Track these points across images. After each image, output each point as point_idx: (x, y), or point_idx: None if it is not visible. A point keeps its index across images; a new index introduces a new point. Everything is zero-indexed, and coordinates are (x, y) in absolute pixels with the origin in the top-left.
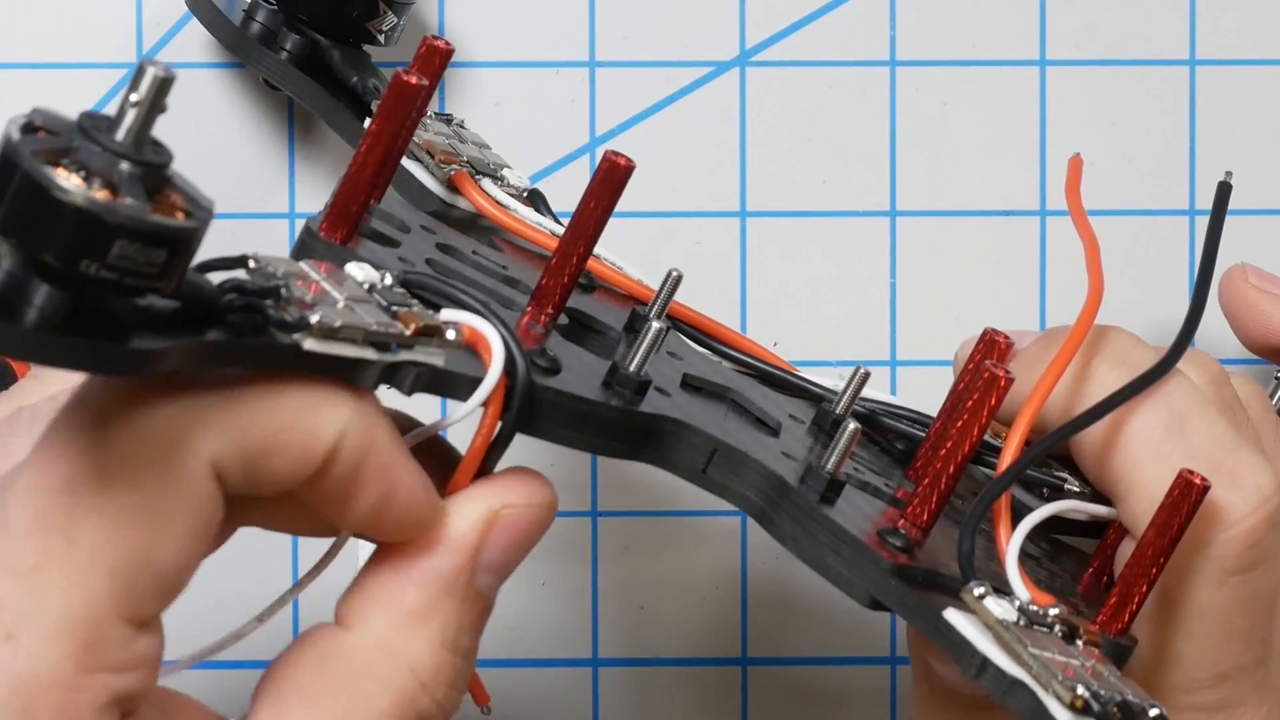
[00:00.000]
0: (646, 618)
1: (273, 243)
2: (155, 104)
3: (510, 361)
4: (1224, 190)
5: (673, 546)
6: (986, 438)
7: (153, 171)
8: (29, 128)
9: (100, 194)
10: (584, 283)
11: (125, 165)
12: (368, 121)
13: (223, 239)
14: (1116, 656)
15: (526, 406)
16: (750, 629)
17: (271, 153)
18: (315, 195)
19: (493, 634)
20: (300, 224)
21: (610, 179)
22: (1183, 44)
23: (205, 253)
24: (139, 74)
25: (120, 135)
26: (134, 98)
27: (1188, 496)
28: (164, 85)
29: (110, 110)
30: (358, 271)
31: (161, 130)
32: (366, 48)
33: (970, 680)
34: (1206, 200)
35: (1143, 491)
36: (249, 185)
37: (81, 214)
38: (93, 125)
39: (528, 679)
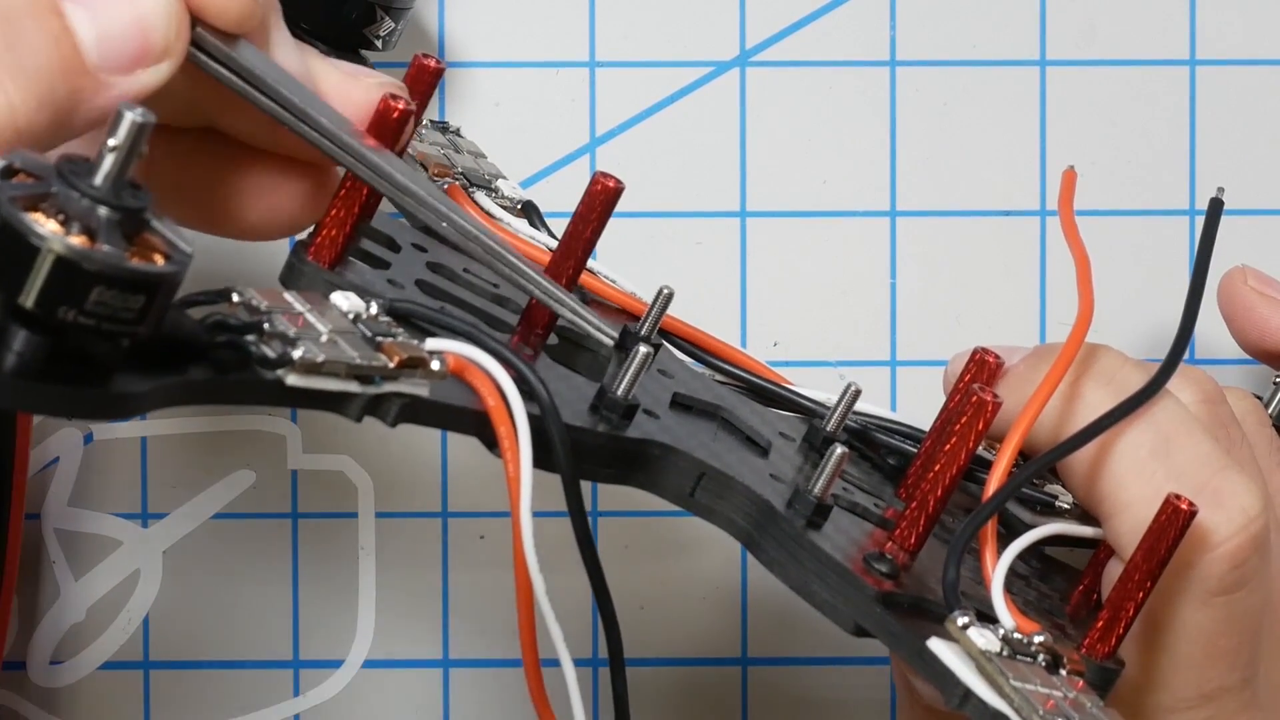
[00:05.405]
0: (646, 618)
1: (273, 244)
2: (133, 148)
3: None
4: (1216, 206)
5: (673, 547)
6: (980, 451)
7: (131, 216)
8: (8, 171)
9: (77, 240)
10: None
11: (103, 210)
12: None
13: (224, 240)
14: (1103, 680)
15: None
16: (750, 630)
17: None
18: None
19: (492, 634)
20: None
21: (599, 200)
22: (1183, 44)
23: (206, 253)
24: (117, 118)
25: (98, 180)
26: (111, 142)
27: (1174, 522)
28: (142, 130)
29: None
30: (343, 301)
31: None
32: (365, 53)
33: (953, 709)
34: (1206, 201)
35: (1128, 512)
36: None
37: (58, 261)
38: (71, 170)
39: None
